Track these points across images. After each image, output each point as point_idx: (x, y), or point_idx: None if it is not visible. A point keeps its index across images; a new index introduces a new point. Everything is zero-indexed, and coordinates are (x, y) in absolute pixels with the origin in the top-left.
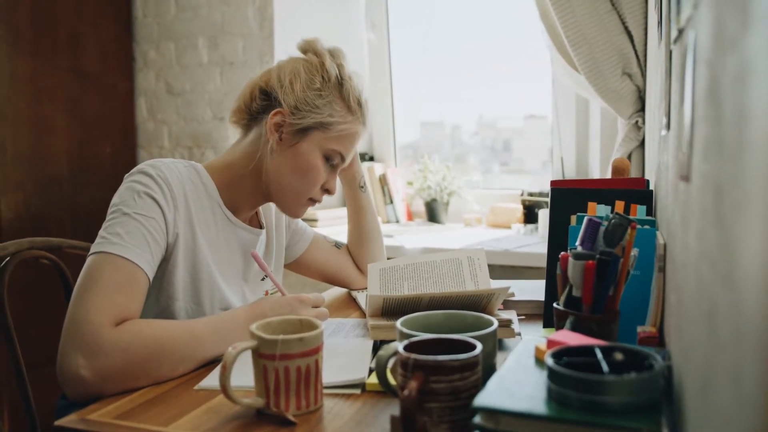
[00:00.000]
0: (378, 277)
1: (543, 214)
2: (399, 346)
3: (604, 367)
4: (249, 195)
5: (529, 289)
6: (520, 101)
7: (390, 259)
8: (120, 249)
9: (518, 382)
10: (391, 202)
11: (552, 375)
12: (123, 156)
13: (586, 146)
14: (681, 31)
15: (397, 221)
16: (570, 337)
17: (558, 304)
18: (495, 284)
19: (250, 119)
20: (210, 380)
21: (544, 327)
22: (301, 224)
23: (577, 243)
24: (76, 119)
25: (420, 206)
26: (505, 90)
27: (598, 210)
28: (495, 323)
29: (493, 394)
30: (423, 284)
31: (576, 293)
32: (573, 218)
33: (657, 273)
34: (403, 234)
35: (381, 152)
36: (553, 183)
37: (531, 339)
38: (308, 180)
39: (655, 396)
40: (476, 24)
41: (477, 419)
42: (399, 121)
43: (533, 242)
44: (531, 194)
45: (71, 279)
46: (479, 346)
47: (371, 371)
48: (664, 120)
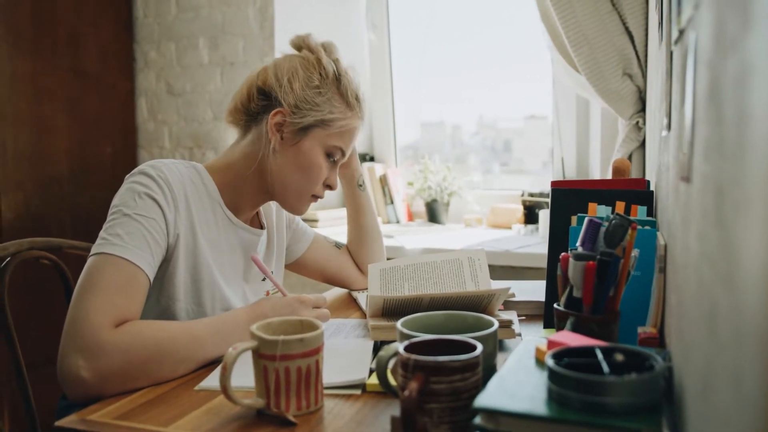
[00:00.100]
0: (378, 278)
1: (543, 215)
2: (399, 347)
3: (605, 368)
4: (251, 195)
5: (530, 290)
6: (521, 101)
7: (390, 260)
8: (120, 250)
9: (519, 383)
10: (392, 203)
11: (552, 376)
12: (123, 156)
13: (587, 147)
14: (682, 32)
15: (398, 222)
16: (570, 338)
17: (558, 305)
18: (495, 285)
19: (249, 119)
20: (210, 381)
21: (545, 328)
22: (302, 225)
23: (578, 244)
24: (77, 119)
25: (420, 207)
26: (506, 90)
27: (599, 211)
28: (495, 324)
29: (494, 395)
30: (423, 285)
31: (576, 294)
32: (573, 219)
33: (657, 274)
34: (404, 234)
35: (381, 152)
36: (554, 183)
37: (531, 340)
38: (311, 177)
39: (656, 397)
40: (476, 24)
41: (477, 420)
42: (399, 122)
43: (534, 243)
44: (531, 195)
45: (71, 279)
46: (480, 347)
47: (372, 372)
48: (665, 121)
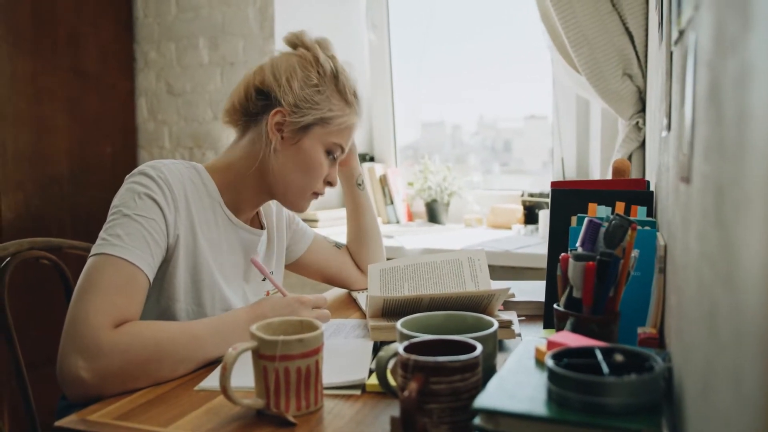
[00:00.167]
0: (378, 278)
1: (543, 215)
2: (399, 347)
3: (605, 369)
4: (252, 195)
5: (530, 290)
6: (521, 102)
7: (390, 260)
8: (120, 251)
9: (518, 384)
10: (392, 203)
11: (552, 376)
12: (123, 156)
13: (587, 147)
14: (682, 33)
15: (398, 222)
16: (570, 339)
17: (558, 305)
18: (495, 285)
19: (249, 120)
20: (210, 381)
21: (545, 328)
22: (302, 225)
23: (578, 244)
24: (77, 119)
25: (420, 207)
26: (506, 90)
27: (599, 211)
28: (495, 324)
29: (493, 396)
30: (423, 285)
31: (576, 294)
32: (573, 219)
33: (657, 274)
34: (404, 235)
35: (381, 153)
36: (554, 184)
37: (531, 340)
38: (312, 175)
39: (656, 397)
40: (477, 24)
41: (477, 420)
42: (399, 122)
43: (533, 243)
44: (531, 195)
45: (71, 279)
46: (479, 347)
47: (371, 372)
48: (665, 121)
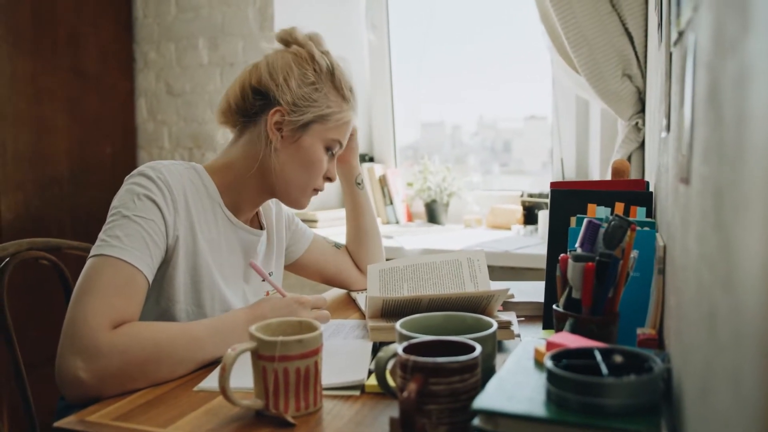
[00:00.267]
0: (378, 279)
1: (543, 216)
2: (398, 348)
3: (604, 370)
4: (252, 194)
5: (529, 291)
6: (521, 102)
7: (390, 260)
8: (119, 252)
9: (517, 384)
10: (391, 203)
11: (551, 377)
12: (123, 157)
13: (586, 147)
14: (681, 34)
15: (397, 222)
16: (569, 339)
17: (557, 306)
18: (494, 286)
19: (246, 120)
20: (209, 381)
21: (544, 329)
22: (301, 225)
23: (577, 245)
24: (77, 120)
25: (420, 207)
26: (506, 91)
27: (598, 212)
28: (494, 325)
29: (493, 396)
30: (423, 286)
31: (575, 295)
32: (573, 220)
33: (657, 275)
34: (403, 235)
35: (381, 153)
36: (553, 184)
37: (530, 341)
38: (313, 172)
39: (655, 398)
40: (476, 25)
41: (476, 421)
42: (399, 122)
43: (533, 243)
44: (531, 195)
45: (71, 280)
46: (479, 348)
47: (370, 373)
48: (664, 122)
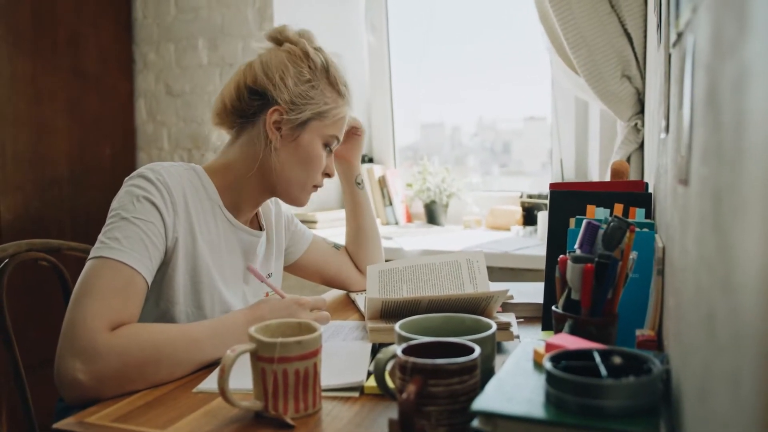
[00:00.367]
0: (377, 280)
1: (542, 217)
2: (397, 349)
3: (603, 371)
4: (253, 194)
5: (528, 292)
6: (520, 103)
7: (389, 261)
8: (118, 254)
9: (516, 386)
10: (391, 204)
11: (550, 379)
12: (123, 157)
13: (586, 148)
14: (680, 35)
15: (396, 223)
16: (568, 341)
17: (557, 307)
18: (494, 287)
19: (243, 120)
20: (208, 383)
21: (543, 330)
22: (300, 226)
23: (576, 246)
24: (76, 120)
25: (419, 208)
26: (505, 92)
27: (597, 213)
28: (494, 326)
29: (492, 398)
30: (422, 287)
31: (575, 296)
32: (572, 221)
33: (656, 276)
34: (402, 236)
35: (380, 154)
36: (552, 185)
37: (529, 342)
38: (312, 169)
39: (654, 400)
40: (476, 26)
41: (475, 423)
42: (399, 123)
43: (532, 244)
44: (530, 196)
45: (70, 281)
46: (478, 350)
47: (370, 374)
48: (663, 123)
